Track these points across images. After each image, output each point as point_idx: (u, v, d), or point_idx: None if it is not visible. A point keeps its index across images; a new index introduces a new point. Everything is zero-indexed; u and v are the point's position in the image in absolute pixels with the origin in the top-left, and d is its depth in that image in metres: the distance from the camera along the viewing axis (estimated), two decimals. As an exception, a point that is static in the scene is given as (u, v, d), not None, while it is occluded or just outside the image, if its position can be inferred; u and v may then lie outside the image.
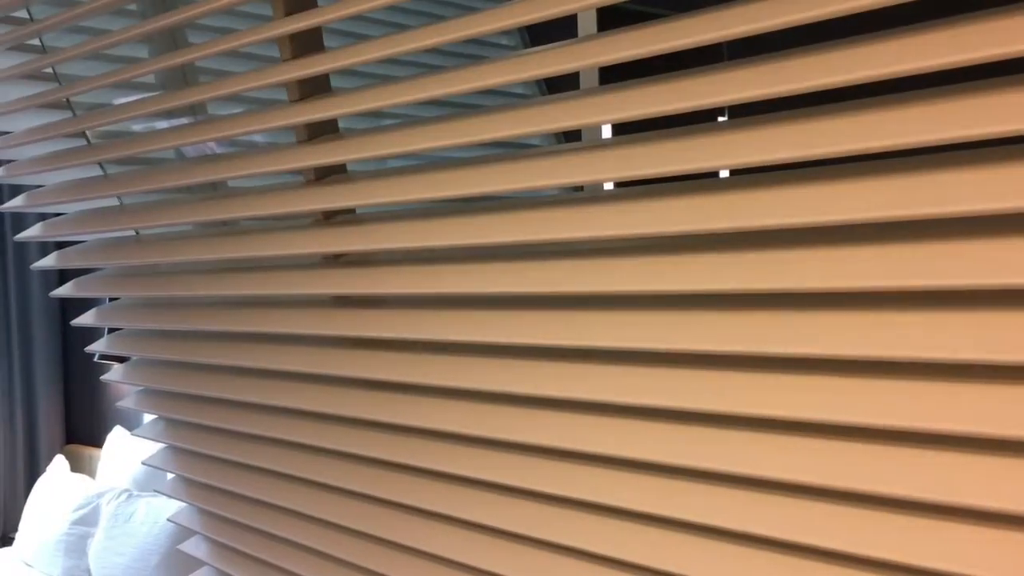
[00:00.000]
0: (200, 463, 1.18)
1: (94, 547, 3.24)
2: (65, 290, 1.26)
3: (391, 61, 1.43)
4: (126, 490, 3.35)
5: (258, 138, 1.31)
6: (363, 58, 0.75)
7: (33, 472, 4.34)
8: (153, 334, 1.22)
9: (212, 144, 1.24)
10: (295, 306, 0.96)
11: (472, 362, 0.77)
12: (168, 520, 1.27)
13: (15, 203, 1.23)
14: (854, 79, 0.52)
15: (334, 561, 1.01)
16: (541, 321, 0.71)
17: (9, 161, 1.26)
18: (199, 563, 2.80)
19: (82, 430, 4.42)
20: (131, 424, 4.03)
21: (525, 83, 1.09)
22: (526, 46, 1.72)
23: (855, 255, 0.55)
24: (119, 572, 3.06)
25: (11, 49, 1.18)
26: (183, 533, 2.89)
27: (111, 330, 3.91)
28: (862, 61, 0.52)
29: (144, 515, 3.11)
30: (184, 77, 1.28)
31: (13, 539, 3.85)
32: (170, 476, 1.45)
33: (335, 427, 0.96)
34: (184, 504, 1.30)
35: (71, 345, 4.48)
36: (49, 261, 1.24)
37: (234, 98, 1.25)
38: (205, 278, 1.06)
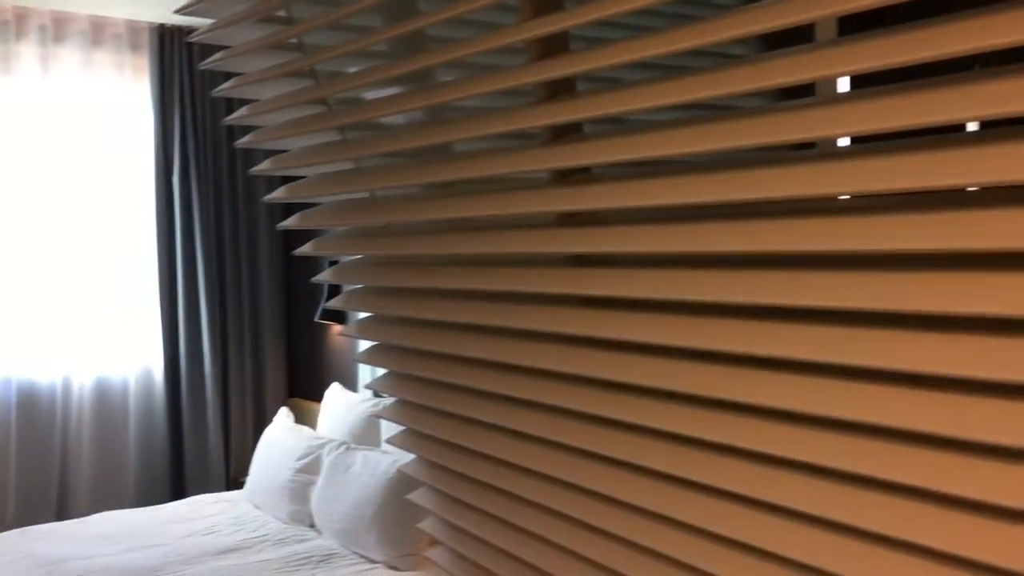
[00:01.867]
0: (429, 417, 1.23)
1: (316, 494, 3.46)
2: (306, 249, 1.33)
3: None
4: (344, 442, 3.55)
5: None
6: (609, 62, 0.74)
7: (260, 423, 4.68)
8: (385, 292, 1.27)
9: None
10: (528, 265, 0.97)
11: (718, 323, 0.75)
12: (399, 470, 1.32)
13: (263, 167, 1.31)
14: None
15: (561, 518, 1.03)
16: (803, 281, 0.68)
17: (257, 127, 1.35)
18: (417, 515, 2.94)
19: (303, 386, 4.72)
20: (348, 381, 4.27)
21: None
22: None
23: None
24: (338, 519, 3.26)
25: (260, 21, 1.26)
26: (399, 485, 3.04)
27: (331, 292, 4.14)
28: None
29: (361, 466, 3.29)
30: (414, 44, 1.32)
31: (243, 483, 4.18)
32: (398, 429, 1.51)
33: (566, 386, 0.96)
34: (412, 456, 1.36)
35: (295, 307, 4.78)
36: (292, 221, 1.32)
37: (463, 64, 1.28)
38: (439, 237, 1.09)
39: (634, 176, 0.82)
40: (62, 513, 4.17)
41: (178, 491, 4.50)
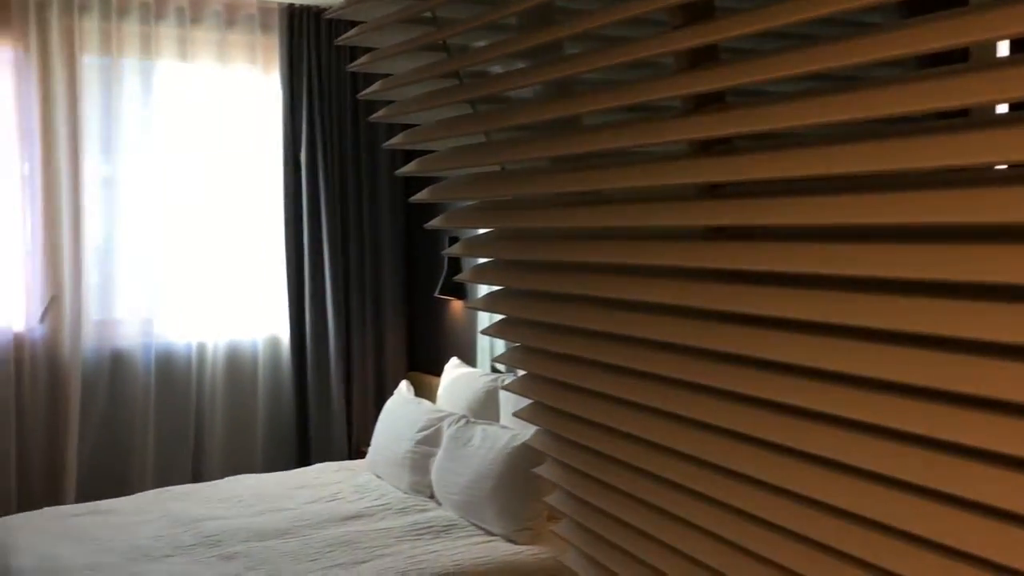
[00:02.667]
0: (557, 390, 1.22)
1: (436, 466, 3.52)
2: (436, 223, 1.34)
3: None
4: (463, 416, 3.60)
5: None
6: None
7: (381, 395, 4.79)
8: (515, 265, 1.27)
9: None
10: (662, 239, 0.95)
11: (865, 299, 0.72)
12: (525, 444, 1.33)
13: (396, 141, 1.32)
14: None
15: (691, 494, 1.01)
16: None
17: (389, 102, 1.36)
18: (535, 490, 2.97)
19: (422, 360, 4.81)
20: (466, 356, 4.32)
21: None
22: None
23: None
24: (457, 491, 3.31)
25: (395, -3, 1.27)
26: (518, 459, 3.06)
27: (451, 269, 4.19)
28: None
29: (480, 440, 3.33)
30: (545, 17, 1.30)
31: (365, 453, 4.29)
32: (522, 403, 1.52)
33: (698, 361, 0.94)
34: (534, 430, 1.36)
35: (415, 284, 4.86)
36: (423, 195, 1.33)
37: (592, 36, 1.26)
38: (570, 211, 1.08)
39: (779, 147, 0.79)
40: (197, 476, 4.38)
41: (303, 459, 4.66)
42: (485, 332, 1.36)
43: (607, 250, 1.02)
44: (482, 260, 1.36)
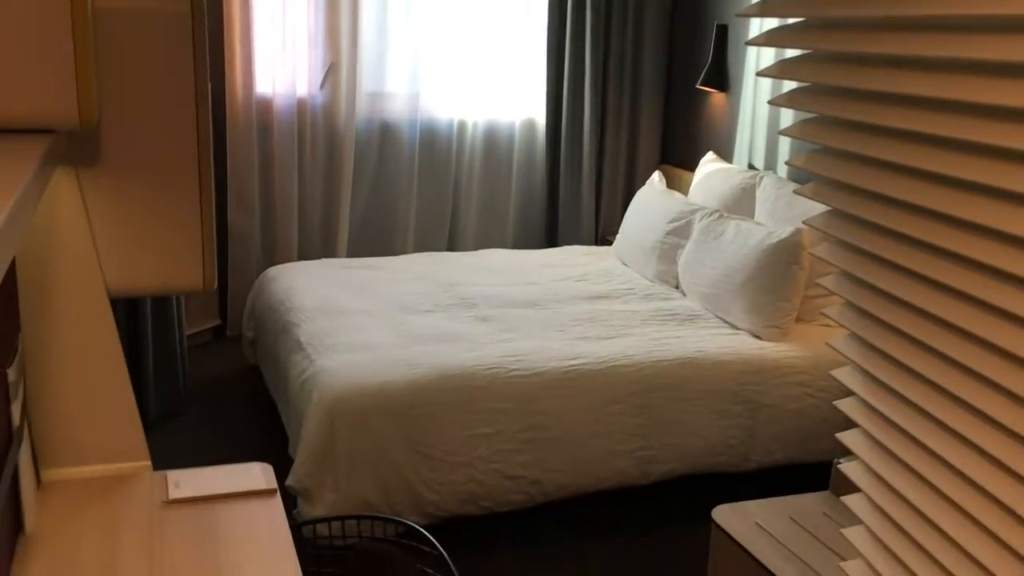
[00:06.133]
0: (860, 230, 1.16)
1: (684, 257, 3.53)
2: (759, 39, 1.26)
3: None
4: (717, 210, 3.55)
5: None
6: None
7: (630, 186, 4.80)
8: (836, 92, 1.19)
9: None
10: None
11: None
12: (782, 241, 1.28)
13: None
14: None
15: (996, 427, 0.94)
16: None
17: None
18: (785, 289, 2.93)
19: (675, 153, 4.73)
20: (723, 151, 4.20)
21: None
22: None
23: None
24: (705, 283, 3.32)
25: None
26: (773, 256, 3.00)
27: (715, 57, 3.99)
28: None
29: (733, 235, 3.28)
30: None
31: (611, 241, 4.36)
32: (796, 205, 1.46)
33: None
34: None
35: (674, 72, 4.71)
36: (753, 10, 1.25)
37: None
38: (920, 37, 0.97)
39: None
40: (452, 245, 4.64)
41: (550, 242, 4.81)
42: (790, 163, 1.29)
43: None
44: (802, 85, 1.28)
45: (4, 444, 1.21)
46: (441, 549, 1.46)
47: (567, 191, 4.70)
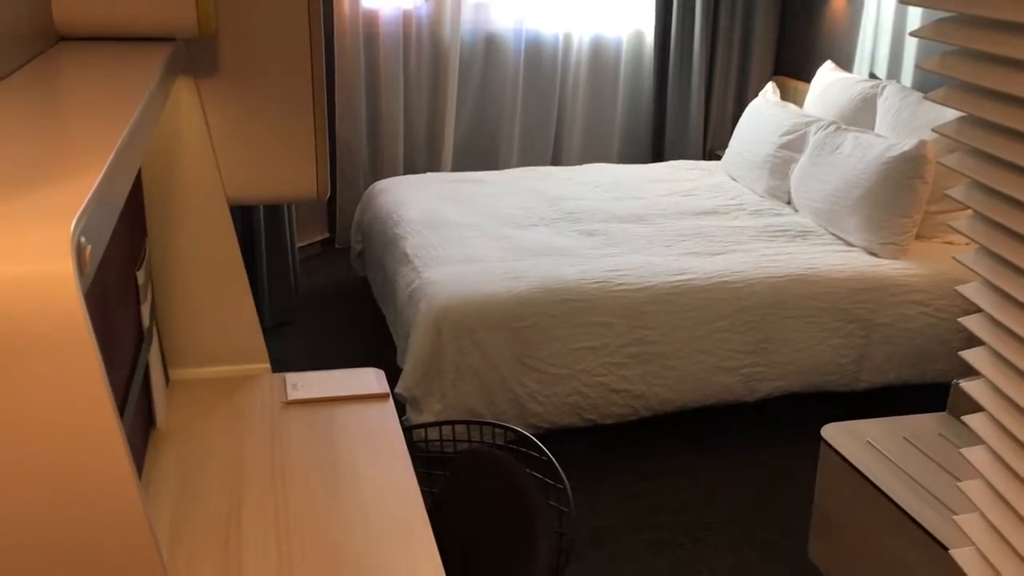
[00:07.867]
0: (996, 137, 1.08)
1: (797, 172, 3.41)
2: None
3: None
4: (834, 122, 3.40)
5: None
6: None
7: (741, 98, 4.64)
8: None
9: None
10: None
11: None
12: (904, 154, 1.21)
13: None
14: None
15: None
16: None
17: None
18: (905, 205, 2.81)
19: (791, 63, 4.53)
20: (843, 60, 4.01)
21: None
22: None
23: None
24: (819, 198, 3.21)
25: None
26: (893, 170, 2.87)
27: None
28: None
29: (851, 148, 3.15)
30: None
31: (719, 156, 4.24)
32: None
33: None
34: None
35: (791, -23, 4.49)
36: None
37: None
38: None
39: None
40: (556, 160, 4.60)
41: (656, 157, 4.72)
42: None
43: None
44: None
45: (136, 343, 1.27)
46: (550, 455, 1.48)
47: (675, 105, 4.58)
